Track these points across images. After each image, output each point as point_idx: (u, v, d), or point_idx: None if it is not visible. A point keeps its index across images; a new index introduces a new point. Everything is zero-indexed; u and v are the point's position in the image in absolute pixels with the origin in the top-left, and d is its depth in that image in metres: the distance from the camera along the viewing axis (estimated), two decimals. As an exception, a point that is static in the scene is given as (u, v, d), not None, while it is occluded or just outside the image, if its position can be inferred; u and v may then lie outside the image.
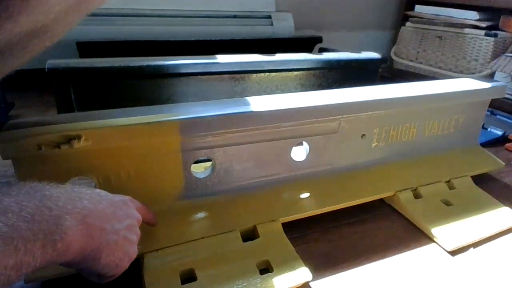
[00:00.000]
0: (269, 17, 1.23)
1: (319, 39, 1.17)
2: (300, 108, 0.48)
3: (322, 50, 1.06)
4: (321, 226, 0.50)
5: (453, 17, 1.21)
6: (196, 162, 0.47)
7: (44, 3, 0.24)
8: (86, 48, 0.92)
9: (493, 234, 0.50)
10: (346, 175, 0.56)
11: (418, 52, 1.32)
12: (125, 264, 0.33)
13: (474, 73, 1.15)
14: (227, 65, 0.71)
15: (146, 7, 1.08)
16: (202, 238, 0.43)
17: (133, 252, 0.34)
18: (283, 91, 0.79)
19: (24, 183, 0.26)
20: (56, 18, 0.26)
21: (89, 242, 0.28)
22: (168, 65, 0.66)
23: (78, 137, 0.37)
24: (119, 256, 0.32)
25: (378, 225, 0.52)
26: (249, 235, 0.46)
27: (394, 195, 0.55)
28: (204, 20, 1.14)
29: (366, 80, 0.86)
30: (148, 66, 0.64)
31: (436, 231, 0.49)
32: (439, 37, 1.25)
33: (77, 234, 0.27)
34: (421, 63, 1.31)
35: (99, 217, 0.30)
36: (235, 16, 1.19)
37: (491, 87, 0.64)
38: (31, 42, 0.26)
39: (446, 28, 1.23)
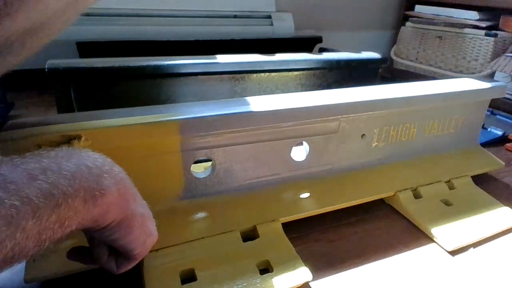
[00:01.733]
0: (269, 17, 1.23)
1: (319, 39, 1.17)
2: (300, 108, 0.48)
3: (322, 50, 1.06)
4: (321, 226, 0.50)
5: (453, 17, 1.21)
6: (196, 162, 0.47)
7: (42, 1, 0.24)
8: (86, 48, 0.92)
9: (493, 234, 0.50)
10: (346, 175, 0.56)
11: (418, 52, 1.32)
12: (150, 244, 0.33)
13: (474, 73, 1.15)
14: (227, 65, 0.71)
15: (146, 7, 1.08)
16: (202, 238, 0.43)
17: (156, 234, 0.34)
18: (283, 91, 0.79)
19: (61, 147, 0.27)
20: (54, 15, 0.26)
21: (125, 206, 0.29)
22: (168, 65, 0.66)
23: (78, 137, 0.37)
24: (147, 231, 0.32)
25: (378, 225, 0.52)
26: (249, 235, 0.46)
27: (394, 195, 0.55)
28: (204, 20, 1.14)
29: (366, 80, 0.86)
30: (148, 66, 0.64)
31: (436, 231, 0.49)
32: (439, 37, 1.25)
33: (115, 194, 0.27)
34: (421, 63, 1.31)
35: (131, 187, 0.31)
36: (235, 16, 1.19)
37: (491, 87, 0.64)
38: (29, 39, 0.26)
39: (446, 28, 1.23)
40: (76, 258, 0.35)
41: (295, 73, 0.79)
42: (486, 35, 1.12)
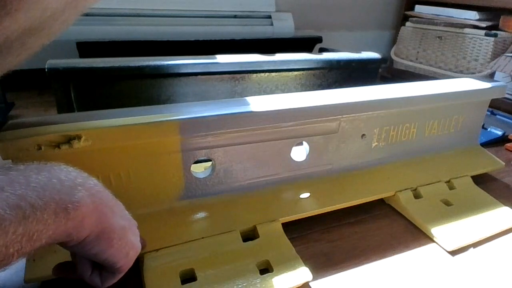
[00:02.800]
0: (269, 17, 1.23)
1: (319, 39, 1.17)
2: (300, 108, 0.48)
3: (322, 50, 1.06)
4: (321, 226, 0.50)
5: (453, 17, 1.21)
6: (196, 162, 0.47)
7: (42, 0, 0.24)
8: (86, 48, 0.92)
9: (493, 234, 0.50)
10: (346, 175, 0.56)
11: (418, 52, 1.32)
12: (133, 256, 0.33)
13: (474, 73, 1.15)
14: (227, 65, 0.71)
15: (146, 7, 1.08)
16: (202, 238, 0.43)
17: (139, 246, 0.34)
18: (283, 91, 0.79)
19: (31, 162, 0.26)
20: (53, 15, 0.26)
21: (102, 219, 0.28)
22: (168, 65, 0.66)
23: (78, 137, 0.37)
24: (129, 243, 0.31)
25: (378, 225, 0.52)
26: (249, 235, 0.46)
27: (394, 195, 0.55)
28: (204, 20, 1.14)
29: (366, 80, 0.86)
30: (148, 66, 0.65)
31: (436, 231, 0.49)
32: (439, 37, 1.25)
33: (90, 207, 0.26)
34: (421, 63, 1.31)
35: (108, 199, 0.30)
36: (235, 16, 1.19)
37: (491, 87, 0.64)
38: (28, 39, 0.26)
39: (446, 28, 1.23)
40: (62, 274, 0.34)
41: (295, 73, 0.79)
42: (486, 35, 1.12)
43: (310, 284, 0.41)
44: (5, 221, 0.21)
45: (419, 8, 1.34)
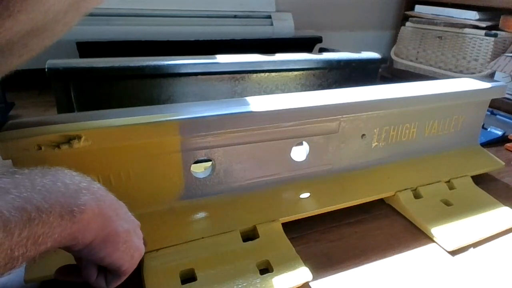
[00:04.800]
0: (269, 17, 1.23)
1: (319, 39, 1.17)
2: (300, 108, 0.48)
3: (322, 50, 1.06)
4: (321, 226, 0.50)
5: (453, 17, 1.21)
6: (196, 162, 0.47)
7: (44, 2, 0.24)
8: (86, 48, 0.92)
9: (493, 234, 0.50)
10: (346, 175, 0.56)
11: (418, 52, 1.32)
12: (137, 258, 0.33)
13: (474, 73, 1.15)
14: (227, 65, 0.71)
15: (146, 7, 1.08)
16: (202, 238, 0.43)
17: (143, 248, 0.34)
18: (283, 91, 0.79)
19: (35, 167, 0.26)
20: (56, 17, 0.26)
21: (106, 223, 0.28)
22: (168, 65, 0.66)
23: (78, 137, 0.37)
24: (134, 246, 0.32)
25: (378, 225, 0.52)
26: (249, 235, 0.46)
27: (394, 195, 0.55)
28: (204, 20, 1.15)
29: (366, 80, 0.86)
30: (148, 66, 0.65)
31: (436, 231, 0.49)
32: (439, 37, 1.25)
33: (96, 210, 0.26)
34: (421, 63, 1.31)
35: (112, 203, 0.30)
36: (235, 16, 1.19)
37: (491, 87, 0.64)
38: (30, 41, 0.26)
39: (446, 28, 1.23)
40: (65, 277, 0.34)
41: (295, 73, 0.79)
42: (486, 35, 1.12)
43: (310, 284, 0.41)
44: (11, 223, 0.21)
45: (419, 8, 1.34)
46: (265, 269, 0.41)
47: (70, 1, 0.26)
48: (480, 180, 0.62)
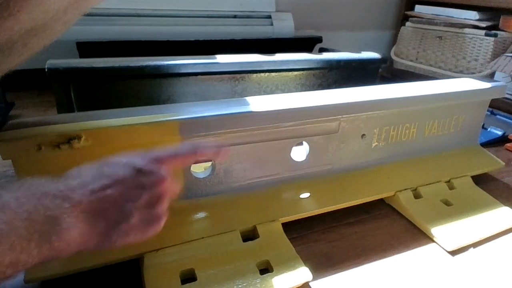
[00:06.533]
0: (269, 17, 1.23)
1: (319, 39, 1.17)
2: (300, 108, 0.48)
3: (322, 50, 1.06)
4: (321, 226, 0.50)
5: (453, 17, 1.21)
6: (196, 162, 0.47)
7: (44, 1, 0.24)
8: (86, 48, 0.92)
9: (493, 234, 0.50)
10: (346, 175, 0.56)
11: (418, 52, 1.32)
12: (146, 237, 0.31)
13: (474, 73, 1.15)
14: (227, 65, 0.71)
15: (146, 7, 1.08)
16: (202, 238, 0.43)
17: (153, 230, 0.32)
18: (283, 91, 0.79)
19: (26, 179, 0.26)
20: (55, 16, 0.26)
21: (92, 237, 0.28)
22: (168, 65, 0.66)
23: (78, 137, 0.37)
24: (136, 236, 0.30)
25: (378, 225, 0.52)
26: (249, 235, 0.46)
27: (394, 195, 0.55)
28: (204, 20, 1.15)
29: (366, 80, 0.86)
30: (148, 66, 0.65)
31: (436, 231, 0.49)
32: (439, 37, 1.24)
33: (76, 233, 0.26)
34: (421, 63, 1.31)
35: (103, 209, 0.28)
36: (235, 16, 1.19)
37: (491, 87, 0.64)
38: (30, 40, 0.27)
39: (446, 28, 1.23)
40: None
41: (295, 73, 0.79)
42: (486, 35, 1.12)
43: (310, 284, 0.41)
44: None
45: (419, 8, 1.34)
46: (265, 269, 0.41)
47: (70, 0, 0.26)
48: (480, 180, 0.62)
